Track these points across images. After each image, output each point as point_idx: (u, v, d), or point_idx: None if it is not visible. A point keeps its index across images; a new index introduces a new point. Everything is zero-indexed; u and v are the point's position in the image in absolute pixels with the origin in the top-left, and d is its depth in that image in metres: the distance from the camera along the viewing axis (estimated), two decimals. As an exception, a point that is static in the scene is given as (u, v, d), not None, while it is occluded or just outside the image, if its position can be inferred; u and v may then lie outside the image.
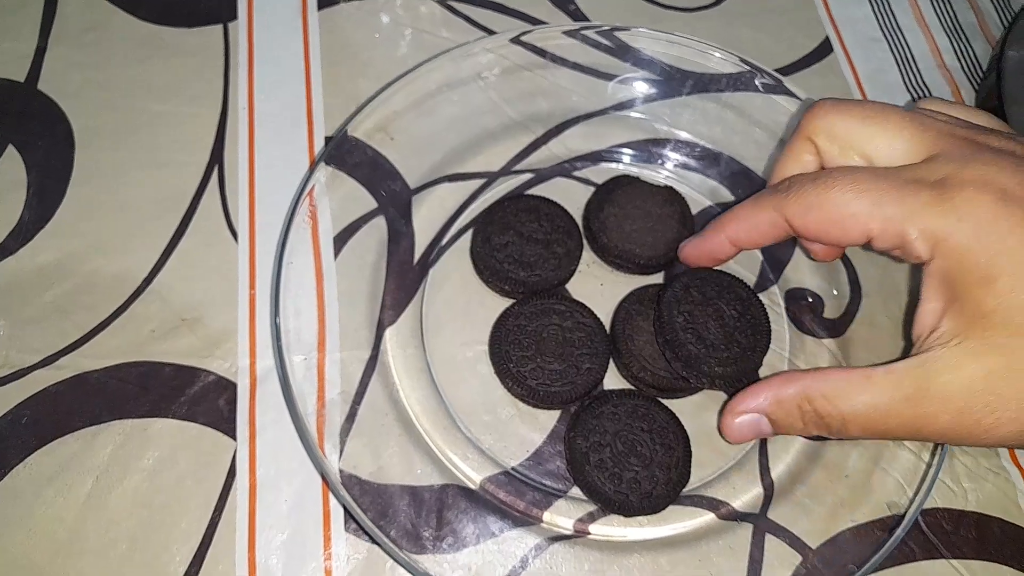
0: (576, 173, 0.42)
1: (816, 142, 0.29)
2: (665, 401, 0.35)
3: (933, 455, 0.32)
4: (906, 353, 0.27)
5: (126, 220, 0.38)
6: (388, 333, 0.36)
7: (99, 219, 0.38)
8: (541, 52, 0.42)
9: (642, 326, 0.35)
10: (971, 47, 0.49)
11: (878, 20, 0.49)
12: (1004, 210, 0.24)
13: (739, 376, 0.33)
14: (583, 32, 0.42)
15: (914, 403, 0.25)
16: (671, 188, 0.40)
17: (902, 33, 0.49)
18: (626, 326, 0.36)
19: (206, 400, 0.35)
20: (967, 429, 0.25)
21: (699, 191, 0.42)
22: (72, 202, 0.38)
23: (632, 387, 0.36)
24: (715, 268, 0.35)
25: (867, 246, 0.27)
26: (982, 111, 0.30)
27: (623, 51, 0.42)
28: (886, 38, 0.49)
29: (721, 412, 0.31)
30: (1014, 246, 0.23)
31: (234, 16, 0.44)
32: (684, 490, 0.34)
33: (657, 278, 0.39)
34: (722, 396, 0.36)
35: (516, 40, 0.41)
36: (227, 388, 0.35)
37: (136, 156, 0.40)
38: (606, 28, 0.42)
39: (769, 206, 0.29)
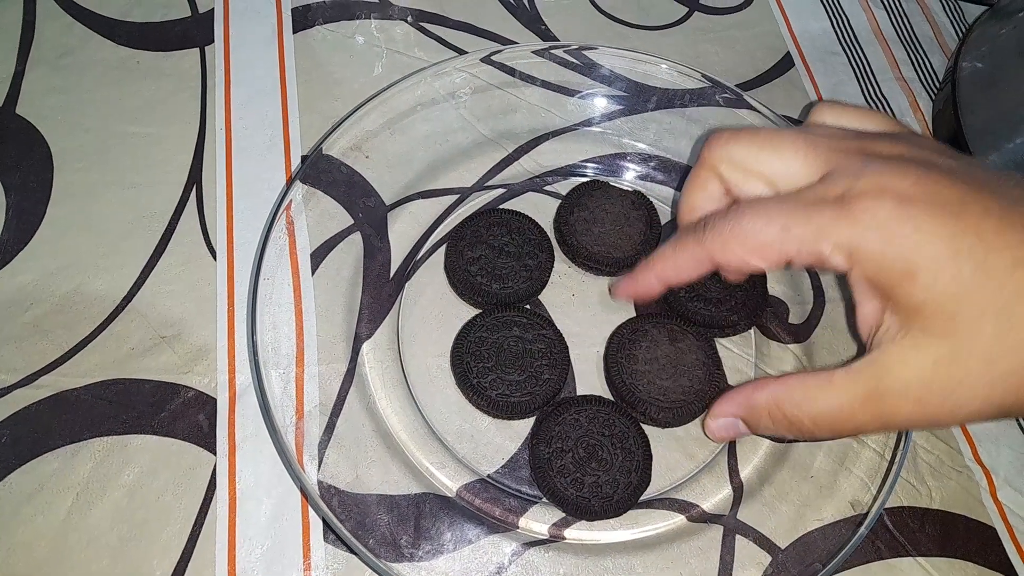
0: (547, 187, 0.43)
1: (719, 171, 0.31)
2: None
3: (895, 454, 0.34)
4: (861, 353, 0.28)
5: (105, 240, 0.39)
6: (365, 346, 0.37)
7: (78, 239, 0.39)
8: (511, 71, 0.43)
9: (635, 355, 0.36)
10: (928, 59, 0.51)
11: (837, 35, 0.51)
12: (904, 212, 0.25)
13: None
14: (551, 51, 0.43)
15: (875, 400, 0.27)
16: (639, 192, 0.41)
17: (860, 47, 0.51)
18: (619, 355, 0.36)
19: (186, 416, 0.35)
20: (931, 415, 0.26)
21: (666, 203, 0.43)
22: (51, 223, 0.39)
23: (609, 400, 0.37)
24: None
25: (788, 265, 0.29)
26: (875, 113, 0.31)
27: (590, 69, 0.44)
28: (845, 52, 0.51)
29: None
30: (921, 241, 0.25)
31: (211, 40, 0.45)
32: (656, 493, 0.35)
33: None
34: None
35: (487, 60, 0.42)
36: (206, 403, 0.35)
37: (115, 177, 0.41)
38: (573, 47, 0.43)
39: (690, 246, 0.31)
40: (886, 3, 0.53)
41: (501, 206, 0.42)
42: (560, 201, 0.41)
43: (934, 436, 0.38)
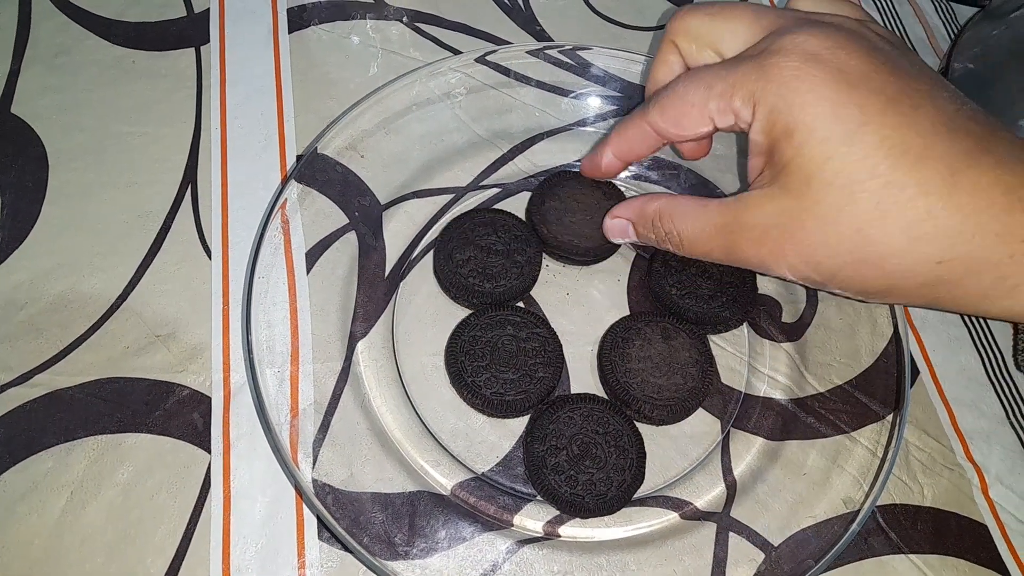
0: (542, 187, 0.43)
1: (678, 44, 0.33)
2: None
3: (887, 451, 0.34)
4: (859, 359, 0.29)
5: (100, 239, 0.39)
6: (360, 345, 0.37)
7: (73, 239, 0.39)
8: (506, 71, 0.43)
9: (629, 353, 0.36)
10: (920, 61, 0.51)
11: (831, 36, 0.51)
12: (804, 70, 0.27)
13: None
14: (546, 51, 0.43)
15: (728, 231, 0.30)
16: (611, 183, 0.41)
17: (854, 49, 0.51)
18: (613, 354, 0.37)
19: (180, 414, 0.35)
20: (762, 257, 0.29)
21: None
22: (46, 222, 0.39)
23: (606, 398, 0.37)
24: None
25: (715, 130, 0.31)
26: (847, 1, 0.32)
27: (584, 69, 0.44)
28: (839, 53, 0.51)
29: None
30: (810, 102, 0.27)
31: (207, 40, 0.45)
32: (649, 491, 0.35)
33: (620, 286, 0.40)
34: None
35: (481, 60, 0.42)
36: (201, 402, 0.36)
37: (110, 176, 0.41)
38: (568, 47, 0.43)
39: (636, 117, 0.33)
40: (878, 4, 0.53)
41: (495, 206, 0.42)
42: (532, 191, 0.41)
43: (926, 434, 0.38)
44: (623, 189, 0.42)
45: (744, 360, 0.39)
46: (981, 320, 0.42)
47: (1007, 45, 0.44)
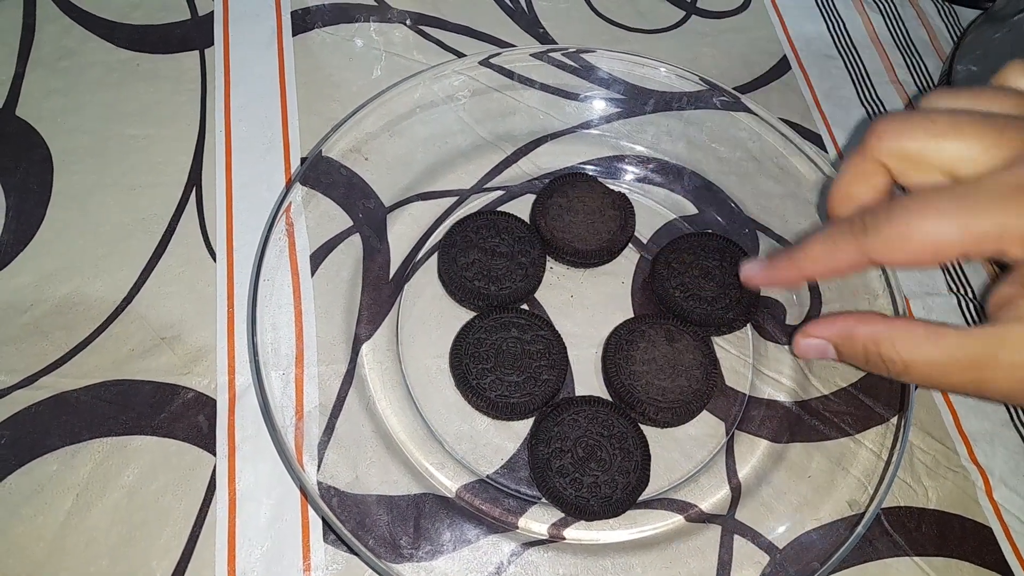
0: (546, 189, 0.43)
1: (887, 164, 0.29)
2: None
3: (891, 455, 0.34)
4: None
5: (105, 241, 0.39)
6: (364, 347, 0.37)
7: (78, 241, 0.39)
8: (510, 74, 0.43)
9: (633, 356, 0.36)
10: (923, 62, 0.51)
11: (833, 38, 0.52)
12: None
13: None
14: (549, 54, 0.43)
15: (979, 367, 0.27)
16: (623, 195, 0.41)
17: (856, 50, 0.51)
18: (617, 356, 0.37)
19: (185, 416, 0.35)
20: (1019, 394, 0.26)
21: (664, 205, 0.43)
22: (51, 225, 0.39)
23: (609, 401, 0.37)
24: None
25: (963, 259, 0.28)
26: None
27: (588, 72, 0.44)
28: (841, 55, 0.51)
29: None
30: None
31: (211, 42, 0.45)
32: (654, 494, 0.35)
33: (625, 294, 0.40)
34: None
35: (485, 62, 0.43)
36: (206, 404, 0.36)
37: (114, 179, 0.41)
38: (572, 50, 0.43)
39: (847, 247, 0.29)
40: (881, 7, 0.53)
41: (499, 208, 0.42)
42: (537, 193, 0.41)
43: (930, 437, 0.38)
44: (627, 192, 0.42)
45: (748, 362, 0.39)
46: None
47: (1009, 48, 0.44)
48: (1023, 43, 0.43)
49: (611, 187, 0.42)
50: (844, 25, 0.52)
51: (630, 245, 0.41)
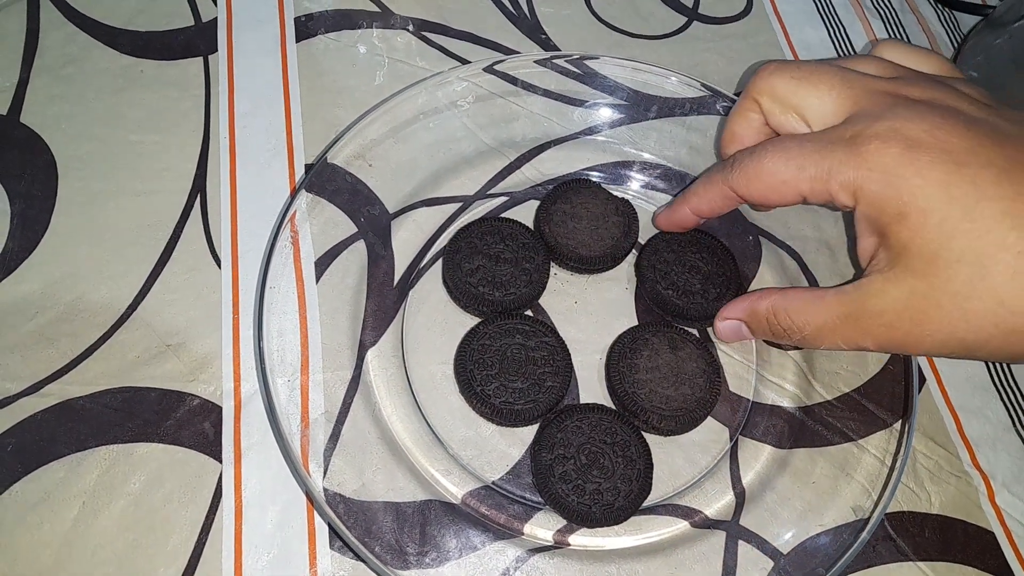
0: (549, 195, 0.43)
1: (760, 102, 0.33)
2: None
3: (895, 460, 0.34)
4: (866, 366, 0.29)
5: (109, 248, 0.39)
6: (370, 354, 0.37)
7: (83, 247, 0.39)
8: (513, 80, 0.44)
9: (636, 364, 0.37)
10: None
11: (834, 43, 0.52)
12: (908, 156, 0.27)
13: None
14: (553, 61, 0.44)
15: (853, 320, 0.30)
16: (626, 201, 0.41)
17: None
18: (620, 364, 0.37)
19: (191, 424, 0.35)
20: (898, 340, 0.29)
21: (668, 211, 0.43)
22: (56, 231, 0.39)
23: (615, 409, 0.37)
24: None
25: (805, 202, 0.31)
26: (934, 55, 0.33)
27: (592, 78, 0.44)
28: (843, 61, 0.51)
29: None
30: (919, 185, 0.27)
31: (214, 49, 0.46)
32: (659, 499, 0.35)
33: (628, 299, 0.40)
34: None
35: (489, 69, 0.43)
36: (212, 411, 0.36)
37: (119, 185, 0.41)
38: (575, 57, 0.44)
39: (718, 181, 0.33)
40: (881, 12, 0.54)
41: (502, 214, 0.42)
42: (540, 199, 0.42)
43: (933, 442, 0.39)
44: (630, 198, 0.42)
45: (752, 368, 0.39)
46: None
47: (1010, 54, 0.45)
48: (1022, 49, 0.44)
49: (615, 193, 0.42)
50: (845, 30, 0.52)
51: (633, 251, 0.41)
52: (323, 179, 0.39)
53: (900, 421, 0.35)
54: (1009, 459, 0.39)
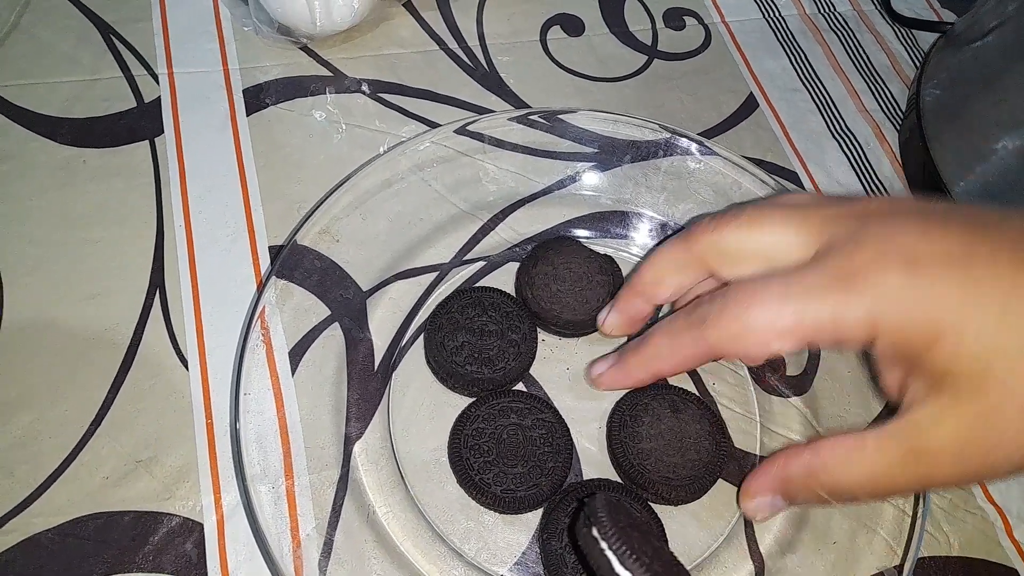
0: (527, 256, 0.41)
1: (706, 261, 0.30)
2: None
3: (916, 508, 0.33)
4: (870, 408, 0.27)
5: (65, 359, 0.36)
6: (357, 448, 0.35)
7: (34, 362, 0.36)
8: (480, 137, 0.42)
9: (639, 432, 0.35)
10: (887, 88, 0.51)
11: (796, 71, 0.51)
12: (913, 275, 0.25)
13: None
14: (528, 117, 0.42)
15: (913, 461, 0.26)
16: (609, 257, 0.40)
17: (820, 81, 0.51)
18: (622, 434, 0.35)
19: (172, 546, 0.33)
20: (972, 471, 0.26)
21: (651, 261, 0.42)
22: (5, 347, 0.36)
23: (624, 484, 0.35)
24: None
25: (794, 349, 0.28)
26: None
27: (561, 129, 0.43)
28: (806, 87, 0.51)
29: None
30: (937, 303, 0.25)
31: (160, 131, 0.43)
32: None
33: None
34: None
35: (461, 131, 0.41)
36: (193, 530, 0.33)
37: (70, 289, 0.38)
38: (547, 111, 0.42)
39: (689, 341, 0.29)
40: (839, 34, 0.53)
41: (482, 280, 0.40)
42: (520, 263, 0.40)
43: (944, 478, 0.38)
44: (611, 252, 0.41)
45: (755, 420, 0.38)
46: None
47: (975, 72, 0.44)
48: (988, 67, 0.43)
49: (595, 248, 0.40)
50: (806, 56, 0.52)
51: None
52: (290, 263, 0.37)
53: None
54: (1021, 490, 0.38)
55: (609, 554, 0.26)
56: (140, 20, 0.47)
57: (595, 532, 0.26)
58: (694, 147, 0.42)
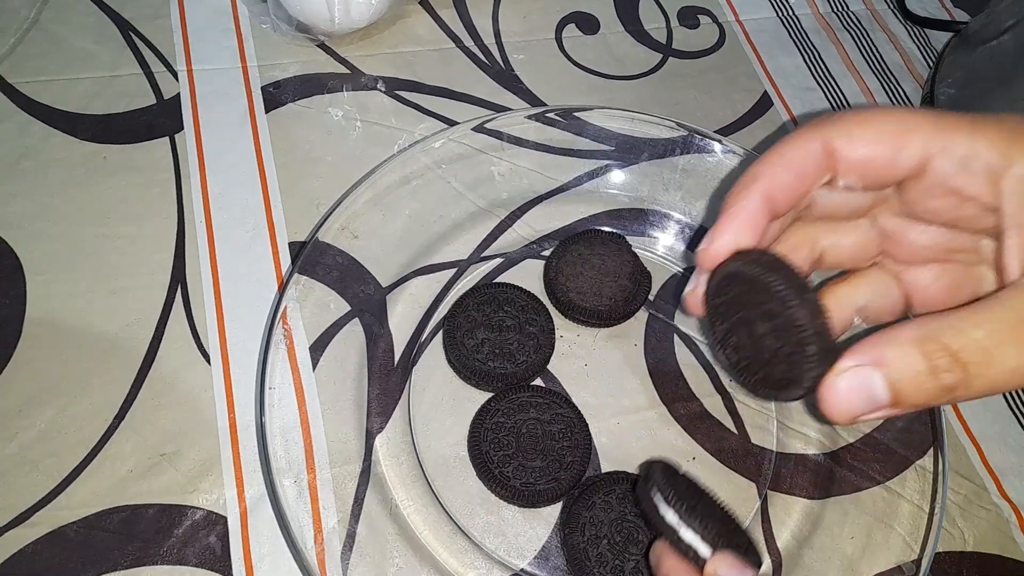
0: (544, 253, 0.42)
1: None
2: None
3: (932, 504, 0.33)
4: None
5: (89, 354, 0.37)
6: (378, 442, 0.36)
7: (59, 356, 0.36)
8: (498, 135, 0.42)
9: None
10: (900, 87, 0.51)
11: (810, 69, 0.51)
12: None
13: None
14: (544, 115, 0.42)
15: None
16: (634, 254, 0.40)
17: (834, 79, 0.51)
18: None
19: (196, 539, 0.33)
20: None
21: (667, 258, 0.42)
22: (28, 341, 0.37)
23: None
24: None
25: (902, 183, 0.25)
26: None
27: (577, 127, 0.43)
28: (820, 86, 0.51)
29: None
30: None
31: (180, 127, 0.43)
32: (696, 571, 0.34)
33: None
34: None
35: (479, 128, 0.41)
36: (217, 523, 0.33)
37: (91, 284, 0.38)
38: (563, 109, 0.42)
39: (803, 141, 0.25)
40: (852, 33, 0.54)
41: (500, 276, 0.41)
42: (550, 254, 0.40)
43: (959, 475, 0.38)
44: (636, 250, 0.41)
45: (771, 417, 0.38)
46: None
47: (991, 71, 0.45)
48: (1003, 66, 0.44)
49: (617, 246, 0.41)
50: (819, 54, 0.52)
51: (643, 308, 0.40)
52: (311, 259, 0.37)
53: (925, 458, 0.34)
54: (1036, 486, 0.38)
55: (670, 514, 0.27)
56: (158, 17, 0.47)
57: (656, 495, 0.27)
58: (712, 145, 0.42)
